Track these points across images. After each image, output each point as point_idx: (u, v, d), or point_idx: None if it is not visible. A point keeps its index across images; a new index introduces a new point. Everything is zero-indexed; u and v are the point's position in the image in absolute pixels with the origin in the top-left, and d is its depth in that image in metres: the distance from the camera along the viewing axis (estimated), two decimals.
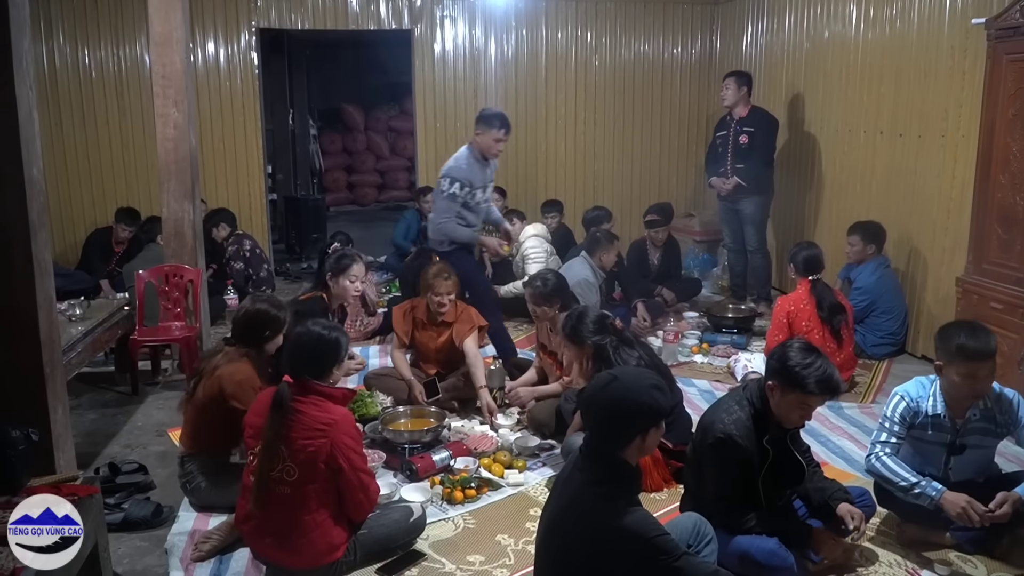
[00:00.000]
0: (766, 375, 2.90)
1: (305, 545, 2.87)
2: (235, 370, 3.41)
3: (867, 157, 6.13)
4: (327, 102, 13.87)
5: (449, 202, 5.01)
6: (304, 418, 2.86)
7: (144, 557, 3.20)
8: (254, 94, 7.91)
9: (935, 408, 3.09)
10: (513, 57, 8.26)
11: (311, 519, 2.87)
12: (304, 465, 2.83)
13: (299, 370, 2.95)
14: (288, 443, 2.84)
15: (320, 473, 2.84)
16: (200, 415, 3.47)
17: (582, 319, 3.79)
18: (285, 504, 2.85)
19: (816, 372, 2.75)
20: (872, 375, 5.23)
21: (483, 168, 5.11)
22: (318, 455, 2.82)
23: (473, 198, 5.06)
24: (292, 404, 2.87)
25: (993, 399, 3.09)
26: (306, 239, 9.62)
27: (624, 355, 3.66)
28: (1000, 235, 4.38)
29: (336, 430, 2.85)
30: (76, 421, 4.34)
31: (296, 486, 2.84)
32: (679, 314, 6.51)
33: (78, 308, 4.71)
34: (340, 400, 2.99)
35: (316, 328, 3.05)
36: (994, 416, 3.09)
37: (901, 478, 3.05)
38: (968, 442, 3.11)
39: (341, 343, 3.05)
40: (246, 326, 3.55)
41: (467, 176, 5.00)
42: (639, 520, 2.31)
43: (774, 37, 7.52)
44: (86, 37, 7.57)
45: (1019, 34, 4.20)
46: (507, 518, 3.47)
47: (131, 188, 7.75)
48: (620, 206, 8.17)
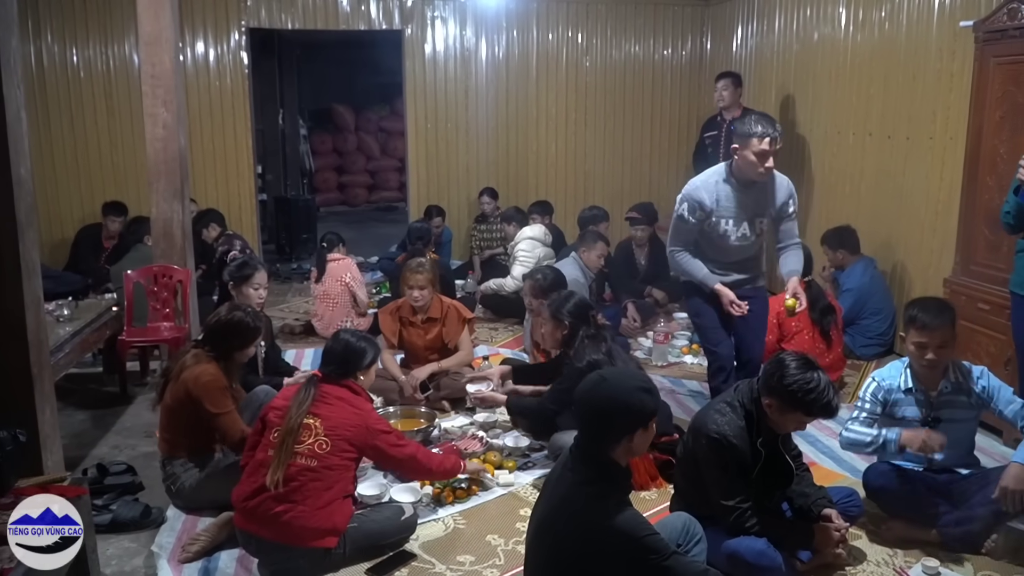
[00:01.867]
0: (764, 391, 2.88)
1: (312, 519, 2.94)
2: (201, 372, 3.42)
3: (856, 159, 6.15)
4: (317, 102, 13.85)
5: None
6: (342, 403, 3.10)
7: (132, 559, 3.19)
8: (244, 94, 7.89)
9: (906, 383, 3.27)
10: (504, 58, 8.27)
11: (326, 495, 2.98)
12: (339, 443, 3.02)
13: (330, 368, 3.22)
14: (324, 419, 3.04)
15: (351, 454, 3.05)
16: (172, 418, 3.48)
17: (567, 300, 4.02)
18: (307, 475, 2.96)
19: (821, 398, 2.76)
20: (861, 376, 5.25)
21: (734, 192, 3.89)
22: (355, 439, 3.05)
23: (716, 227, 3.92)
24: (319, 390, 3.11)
25: (964, 372, 3.26)
26: (296, 240, 9.59)
27: (588, 346, 3.82)
28: (987, 237, 4.40)
29: (369, 419, 3.13)
30: (64, 422, 4.31)
31: (324, 459, 2.99)
32: (669, 315, 6.52)
33: (66, 309, 4.69)
34: (366, 398, 3.25)
35: (345, 336, 3.32)
36: (966, 388, 3.22)
37: (864, 435, 3.25)
38: (943, 415, 3.24)
39: (367, 351, 3.29)
40: (219, 333, 3.57)
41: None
42: (629, 520, 2.32)
43: (764, 39, 7.54)
44: (75, 36, 7.54)
45: (1007, 37, 4.23)
46: (497, 518, 3.47)
47: (120, 188, 7.71)
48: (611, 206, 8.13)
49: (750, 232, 3.91)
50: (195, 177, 7.30)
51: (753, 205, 3.88)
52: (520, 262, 6.41)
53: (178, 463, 3.50)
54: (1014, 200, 3.49)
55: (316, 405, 3.06)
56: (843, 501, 3.15)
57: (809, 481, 3.13)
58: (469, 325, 4.91)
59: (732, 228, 3.86)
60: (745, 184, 3.81)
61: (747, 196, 3.85)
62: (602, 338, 3.91)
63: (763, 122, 3.68)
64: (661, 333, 5.73)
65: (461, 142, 8.30)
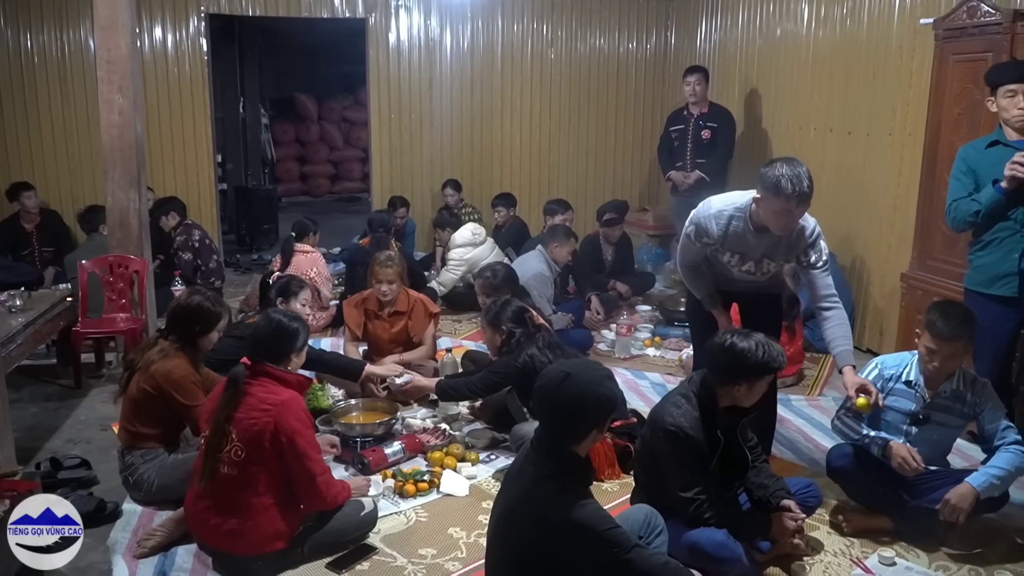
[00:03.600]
0: (726, 380, 2.91)
1: (251, 528, 2.87)
2: (172, 367, 3.37)
3: (817, 154, 6.21)
4: (279, 91, 13.68)
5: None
6: (252, 399, 2.91)
7: (87, 554, 3.11)
8: (203, 81, 7.75)
9: (909, 375, 3.26)
10: (469, 49, 8.22)
11: (258, 502, 2.87)
12: (250, 444, 2.85)
13: (257, 353, 3.01)
14: (236, 423, 2.88)
15: (266, 454, 2.86)
16: (136, 409, 3.41)
17: (505, 308, 4.07)
18: (232, 485, 2.87)
19: (772, 352, 2.87)
20: (819, 369, 5.32)
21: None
22: (263, 434, 2.85)
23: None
24: (243, 385, 2.92)
25: (968, 380, 3.23)
26: (257, 230, 9.48)
27: (523, 344, 3.92)
28: (944, 232, 4.46)
29: (282, 410, 2.88)
30: (16, 415, 4.23)
31: (243, 467, 2.86)
32: (632, 308, 6.55)
33: (18, 299, 4.58)
34: (293, 385, 3.02)
35: (277, 316, 3.16)
36: (965, 397, 3.21)
37: (854, 431, 3.27)
38: (933, 416, 3.23)
39: (299, 332, 3.12)
40: (179, 318, 3.51)
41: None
42: (591, 513, 2.32)
43: (727, 33, 7.59)
44: (28, 20, 7.34)
45: (966, 35, 4.29)
46: (459, 511, 3.46)
47: (74, 176, 7.56)
48: (575, 199, 8.16)
49: (755, 270, 3.52)
50: (153, 165, 7.17)
51: (763, 249, 3.42)
52: (448, 269, 6.50)
53: (138, 454, 3.44)
54: (990, 193, 3.45)
55: (236, 408, 2.90)
56: (801, 492, 3.18)
57: (768, 472, 3.15)
58: (435, 320, 4.89)
59: (736, 262, 3.50)
60: (760, 228, 3.31)
61: (759, 240, 3.36)
62: (540, 336, 3.97)
63: (793, 180, 3.06)
64: (624, 326, 5.75)
65: (425, 133, 8.25)
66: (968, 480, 3.04)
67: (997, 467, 3.07)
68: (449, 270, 6.47)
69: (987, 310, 3.51)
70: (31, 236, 6.89)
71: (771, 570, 3.03)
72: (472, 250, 6.50)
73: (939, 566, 3.09)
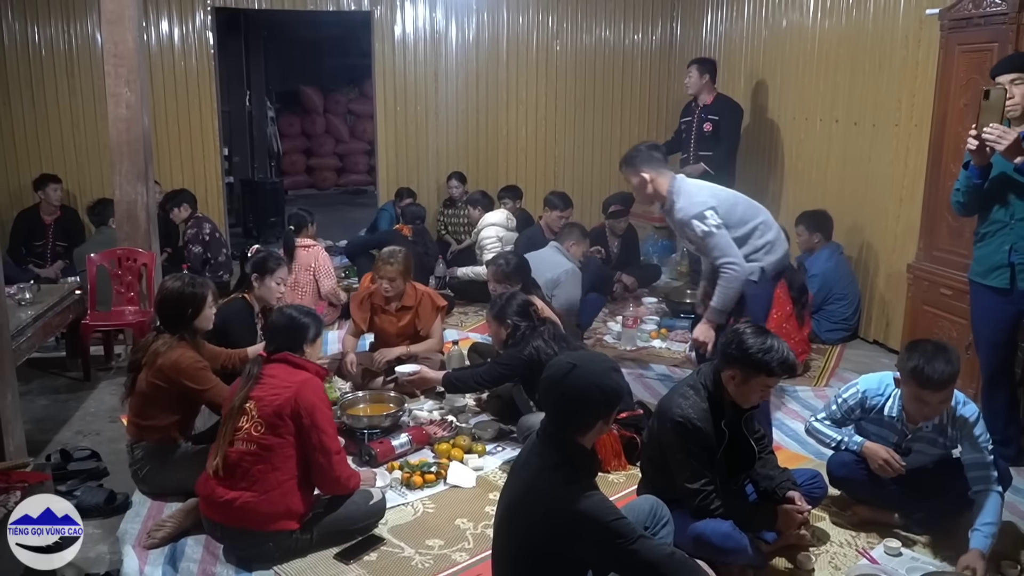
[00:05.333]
0: (724, 364, 2.92)
1: (264, 503, 2.92)
2: (178, 357, 3.40)
3: (823, 145, 6.21)
4: (285, 84, 13.68)
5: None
6: (273, 379, 3.04)
7: (97, 545, 3.15)
8: (210, 74, 7.76)
9: (891, 411, 3.19)
10: (474, 41, 8.21)
11: (274, 477, 2.94)
12: (270, 419, 2.95)
13: (274, 344, 3.17)
14: (257, 400, 2.98)
15: (286, 429, 2.96)
16: (147, 403, 3.43)
17: (510, 302, 4.08)
18: (249, 458, 2.94)
19: (777, 355, 2.81)
20: (826, 359, 5.32)
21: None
22: (283, 408, 2.95)
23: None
24: (262, 371, 3.06)
25: (949, 415, 3.09)
26: (263, 223, 9.50)
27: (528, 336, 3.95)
28: (950, 223, 4.47)
29: (302, 387, 3.00)
30: (26, 407, 4.25)
31: (261, 441, 2.95)
32: (638, 300, 6.56)
33: (28, 292, 4.62)
34: (311, 371, 3.14)
35: (289, 311, 3.26)
36: (946, 430, 3.13)
37: (829, 437, 3.32)
38: (914, 447, 3.21)
39: (310, 326, 3.21)
40: (168, 308, 3.53)
41: None
42: (596, 504, 2.33)
43: (733, 25, 7.57)
44: (35, 14, 7.36)
45: (971, 25, 4.28)
46: (466, 502, 3.48)
47: (82, 169, 7.58)
48: (580, 192, 8.19)
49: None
50: (160, 159, 7.19)
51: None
52: (488, 250, 6.41)
53: (147, 447, 3.46)
54: (964, 175, 3.53)
55: (255, 388, 3.02)
56: (807, 483, 3.18)
57: (774, 464, 3.16)
58: (442, 313, 4.90)
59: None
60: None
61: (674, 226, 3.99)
62: (546, 328, 4.00)
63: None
64: (630, 318, 5.76)
65: (431, 125, 8.25)
66: (974, 546, 2.93)
67: (990, 523, 2.96)
68: (489, 251, 6.32)
69: (986, 300, 3.63)
70: (48, 228, 6.93)
71: (776, 561, 3.05)
72: (504, 231, 6.53)
73: (945, 557, 3.09)
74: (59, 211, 6.96)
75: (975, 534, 2.97)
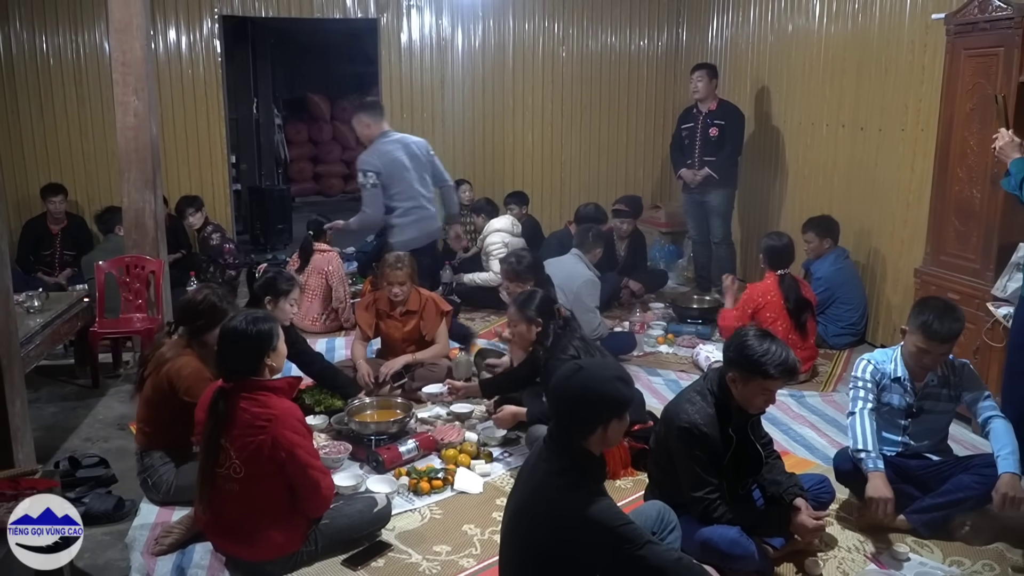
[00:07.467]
0: (725, 367, 2.93)
1: (262, 540, 2.89)
2: (183, 364, 3.39)
3: (829, 150, 6.20)
4: (292, 91, 13.72)
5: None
6: (245, 415, 2.84)
7: (106, 551, 3.16)
8: (217, 83, 7.80)
9: (896, 371, 3.30)
10: (480, 47, 8.24)
11: (264, 515, 2.88)
12: (249, 461, 2.83)
13: (231, 371, 2.91)
14: (232, 440, 2.84)
15: (266, 469, 2.84)
16: (152, 410, 3.45)
17: (532, 299, 3.98)
18: (235, 501, 2.86)
19: (775, 358, 2.80)
20: (833, 365, 5.31)
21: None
22: (261, 450, 2.81)
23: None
24: (230, 405, 2.84)
25: (950, 365, 3.31)
26: (271, 230, 9.52)
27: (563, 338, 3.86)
28: (957, 227, 4.46)
29: (277, 424, 2.82)
30: (35, 415, 4.27)
31: (244, 483, 2.84)
32: (645, 305, 6.55)
33: (36, 300, 4.64)
34: (284, 391, 2.95)
35: (234, 324, 2.93)
36: (949, 380, 3.29)
37: (861, 439, 3.21)
38: (925, 406, 3.30)
39: (262, 334, 2.92)
40: (186, 313, 3.54)
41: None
42: (604, 510, 2.33)
43: (739, 30, 7.57)
44: (44, 23, 7.41)
45: (977, 30, 4.27)
46: (473, 508, 3.48)
47: (91, 177, 7.62)
48: (586, 197, 8.16)
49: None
50: (168, 167, 7.22)
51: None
52: (494, 256, 6.41)
53: (156, 456, 3.47)
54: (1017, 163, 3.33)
55: (228, 425, 2.84)
56: (815, 488, 3.18)
57: (781, 469, 3.15)
58: (446, 318, 4.90)
59: None
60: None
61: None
62: (572, 328, 3.96)
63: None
64: (637, 323, 5.75)
65: (437, 132, 8.25)
66: (1004, 470, 3.02)
67: (1009, 447, 3.07)
68: (495, 256, 6.31)
69: None
70: (55, 238, 6.97)
71: (784, 566, 3.04)
72: (509, 237, 6.54)
73: (953, 561, 3.08)
74: (66, 220, 7.00)
75: (1000, 461, 3.06)
